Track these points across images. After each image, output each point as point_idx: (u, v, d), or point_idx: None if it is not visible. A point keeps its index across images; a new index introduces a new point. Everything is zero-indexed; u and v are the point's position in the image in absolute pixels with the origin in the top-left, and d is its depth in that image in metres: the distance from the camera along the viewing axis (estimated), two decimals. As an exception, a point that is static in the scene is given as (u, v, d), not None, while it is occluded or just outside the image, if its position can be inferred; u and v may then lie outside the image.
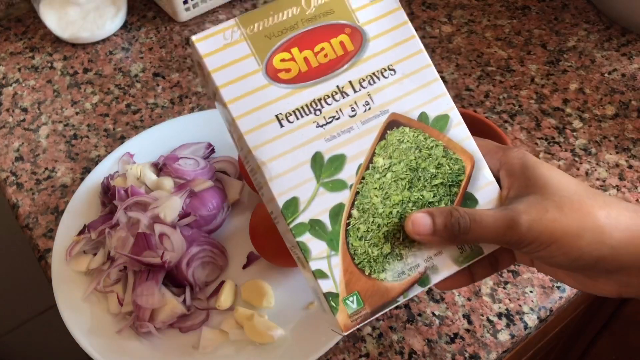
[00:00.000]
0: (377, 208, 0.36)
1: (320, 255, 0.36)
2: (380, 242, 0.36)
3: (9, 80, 0.74)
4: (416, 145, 0.37)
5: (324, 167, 0.36)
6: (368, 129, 0.37)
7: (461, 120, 0.38)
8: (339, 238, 0.36)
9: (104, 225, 0.54)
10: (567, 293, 0.53)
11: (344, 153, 0.36)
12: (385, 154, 0.37)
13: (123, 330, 0.50)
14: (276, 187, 0.36)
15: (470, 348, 0.50)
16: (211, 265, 0.54)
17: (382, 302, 0.36)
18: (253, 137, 0.36)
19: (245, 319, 0.50)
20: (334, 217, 0.36)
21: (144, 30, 0.79)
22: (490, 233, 0.34)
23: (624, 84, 0.69)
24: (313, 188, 0.36)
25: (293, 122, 0.36)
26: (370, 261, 0.36)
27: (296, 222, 0.36)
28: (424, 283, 0.37)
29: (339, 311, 0.35)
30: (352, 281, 0.36)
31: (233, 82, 0.36)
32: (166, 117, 0.68)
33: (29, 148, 0.67)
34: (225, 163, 0.61)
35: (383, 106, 0.37)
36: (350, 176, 0.36)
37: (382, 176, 0.37)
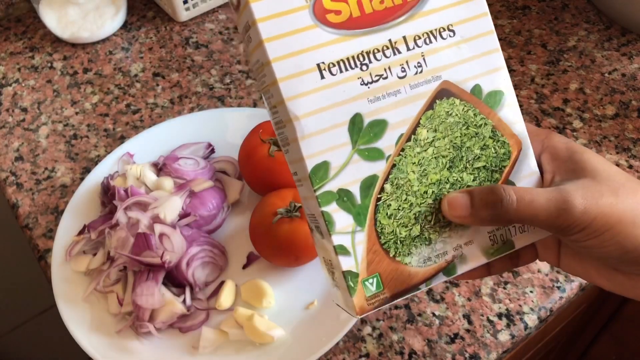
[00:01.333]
0: (412, 185, 0.33)
1: (344, 230, 0.32)
2: (410, 223, 0.33)
3: (9, 80, 0.74)
4: (464, 121, 0.34)
5: (362, 132, 0.32)
6: (416, 94, 0.33)
7: (515, 101, 0.35)
8: (367, 213, 0.33)
9: (103, 225, 0.54)
10: (567, 293, 0.53)
11: (386, 119, 0.33)
12: (430, 127, 0.34)
13: (123, 330, 0.50)
14: (307, 147, 0.32)
15: (471, 348, 0.50)
16: (211, 265, 0.54)
17: (403, 287, 0.33)
18: (289, 86, 0.31)
19: (245, 319, 0.50)
20: (365, 190, 0.33)
21: (143, 30, 0.79)
22: (541, 214, 0.31)
23: (624, 83, 0.69)
24: (347, 154, 0.32)
25: (336, 74, 0.32)
26: (397, 242, 0.33)
27: (324, 189, 0.32)
28: (450, 272, 0.34)
29: (356, 292, 0.32)
30: (375, 261, 0.33)
31: (274, 17, 0.31)
32: (166, 117, 0.68)
33: (28, 148, 0.66)
34: (225, 163, 0.61)
35: (436, 71, 0.34)
36: (389, 146, 0.33)
37: (423, 150, 0.34)
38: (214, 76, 0.73)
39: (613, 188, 0.32)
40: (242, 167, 0.58)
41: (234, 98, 0.70)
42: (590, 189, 0.31)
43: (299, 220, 0.51)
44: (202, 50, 0.76)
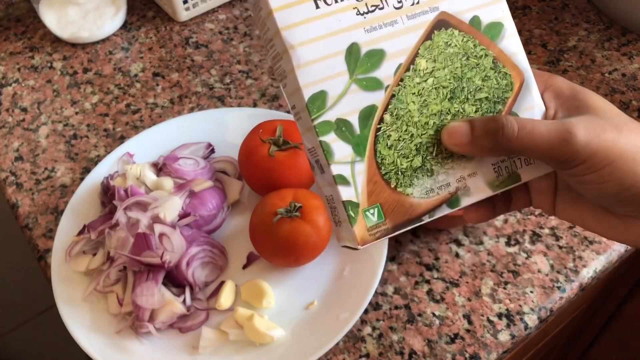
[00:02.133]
0: (412, 116, 0.33)
1: (343, 160, 0.32)
2: (411, 154, 0.33)
3: (9, 80, 0.74)
4: (464, 52, 0.34)
5: (359, 61, 0.32)
6: (413, 25, 0.33)
7: (515, 32, 0.35)
8: (366, 143, 0.32)
9: (103, 225, 0.54)
10: (567, 293, 0.53)
11: (384, 49, 0.33)
12: (429, 57, 0.33)
13: (123, 331, 0.50)
14: (303, 76, 0.32)
15: (471, 348, 0.50)
16: (211, 265, 0.54)
17: (405, 218, 0.33)
18: (283, 16, 0.31)
19: (245, 319, 0.50)
20: (364, 120, 0.32)
21: (143, 30, 0.79)
22: (542, 143, 0.31)
23: (624, 83, 0.69)
24: (345, 83, 0.32)
25: (331, 4, 0.32)
26: (398, 173, 0.33)
27: (321, 119, 0.32)
28: (453, 204, 0.34)
29: (357, 222, 0.32)
30: (375, 192, 0.32)
31: None
32: (166, 117, 0.68)
33: (28, 148, 0.66)
34: (225, 163, 0.61)
35: (433, 2, 0.33)
36: (388, 76, 0.33)
37: (423, 81, 0.33)
38: (214, 76, 0.73)
39: (616, 125, 0.31)
40: (242, 167, 0.57)
41: (234, 98, 0.70)
42: (593, 124, 0.31)
43: (299, 220, 0.51)
44: (202, 50, 0.76)
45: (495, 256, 0.55)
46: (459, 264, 0.55)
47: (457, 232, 0.57)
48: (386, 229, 0.33)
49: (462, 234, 0.57)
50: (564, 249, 0.56)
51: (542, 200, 0.37)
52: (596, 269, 0.55)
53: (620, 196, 0.31)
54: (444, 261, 0.55)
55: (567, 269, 0.54)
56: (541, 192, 0.37)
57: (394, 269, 0.55)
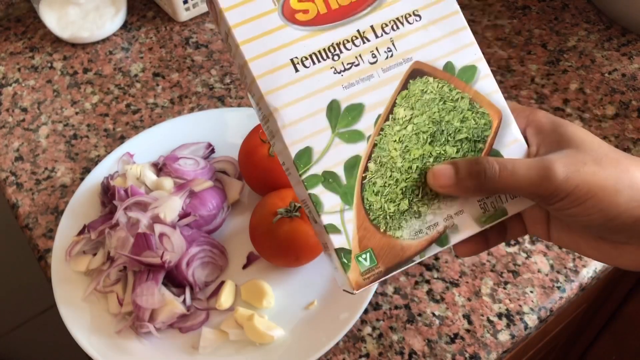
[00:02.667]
0: (395, 162, 0.34)
1: (333, 209, 0.34)
2: (397, 198, 0.34)
3: (9, 80, 0.74)
4: (440, 97, 0.35)
5: (340, 117, 0.34)
6: (389, 77, 0.35)
7: (489, 73, 0.36)
8: (353, 192, 0.34)
9: (103, 225, 0.54)
10: (567, 293, 0.53)
11: (363, 102, 0.34)
12: (406, 105, 0.35)
13: (123, 331, 0.50)
14: (289, 135, 0.34)
15: (471, 348, 0.50)
16: (211, 265, 0.54)
17: (397, 260, 0.34)
18: (266, 82, 0.34)
19: (245, 319, 0.50)
20: (350, 170, 0.34)
21: (143, 30, 0.79)
22: (523, 182, 0.32)
23: (624, 83, 0.69)
24: (328, 138, 0.34)
25: (309, 67, 0.34)
26: (386, 217, 0.34)
27: (309, 173, 0.34)
28: (443, 243, 0.35)
29: (350, 268, 0.33)
30: (366, 237, 0.34)
31: (247, 22, 0.34)
32: (166, 117, 0.68)
33: (28, 148, 0.66)
34: (225, 163, 0.61)
35: (406, 54, 0.35)
36: (368, 127, 0.34)
37: (403, 128, 0.35)
38: (214, 76, 0.73)
39: (596, 157, 0.32)
40: (242, 167, 0.58)
41: (234, 98, 0.70)
42: (573, 158, 0.32)
43: (299, 220, 0.51)
44: (202, 50, 0.76)
45: (495, 256, 0.55)
46: (458, 264, 0.55)
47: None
48: (379, 272, 0.34)
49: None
50: (564, 249, 0.56)
51: (537, 228, 0.38)
52: (596, 269, 0.55)
53: (607, 226, 0.32)
54: (444, 261, 0.55)
55: (567, 269, 0.54)
56: (535, 221, 0.37)
57: (394, 269, 0.55)
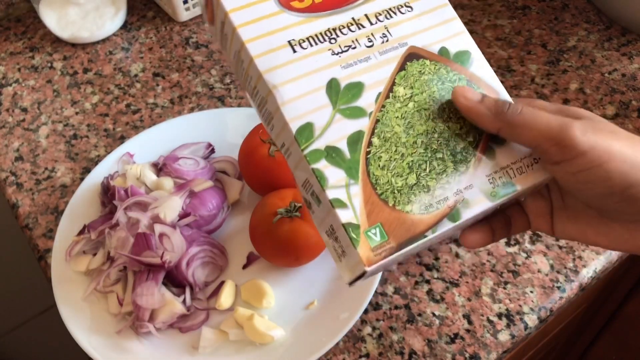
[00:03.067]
0: (399, 137, 0.34)
1: (338, 184, 0.33)
2: (404, 172, 0.34)
3: (9, 80, 0.74)
4: (438, 78, 0.35)
5: (340, 94, 0.34)
6: (386, 59, 0.35)
7: (483, 58, 0.37)
8: (358, 166, 0.33)
9: (103, 225, 0.54)
10: (567, 293, 0.53)
11: (362, 81, 0.34)
12: (406, 84, 0.35)
13: (123, 331, 0.50)
14: (289, 111, 0.33)
15: (471, 348, 0.50)
16: (211, 265, 0.54)
17: (408, 235, 0.33)
18: (264, 61, 0.34)
19: (245, 319, 0.50)
20: (353, 145, 0.33)
21: (143, 30, 0.79)
22: (542, 125, 0.31)
23: (624, 83, 0.69)
24: (329, 114, 0.34)
25: (307, 48, 0.34)
26: (394, 192, 0.33)
27: (311, 148, 0.33)
28: (455, 218, 0.33)
29: (360, 243, 0.32)
30: (374, 212, 0.32)
31: (243, 8, 0.34)
32: (166, 117, 0.68)
33: (28, 148, 0.66)
34: (225, 163, 0.61)
35: (401, 39, 0.35)
36: (369, 104, 0.34)
37: (404, 105, 0.35)
38: (214, 76, 0.73)
39: (611, 129, 0.32)
40: (242, 167, 0.58)
41: (234, 98, 0.70)
42: (590, 124, 0.31)
43: (299, 220, 0.51)
44: (202, 50, 0.76)
45: (495, 256, 0.55)
46: (459, 264, 0.55)
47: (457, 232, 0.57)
48: (391, 248, 0.32)
49: (462, 234, 0.57)
50: (564, 248, 0.56)
51: (540, 221, 0.37)
52: (596, 269, 0.55)
53: (624, 195, 0.31)
54: (444, 261, 0.55)
55: (567, 269, 0.54)
56: (538, 214, 0.37)
57: (394, 268, 0.55)
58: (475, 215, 0.34)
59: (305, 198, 0.35)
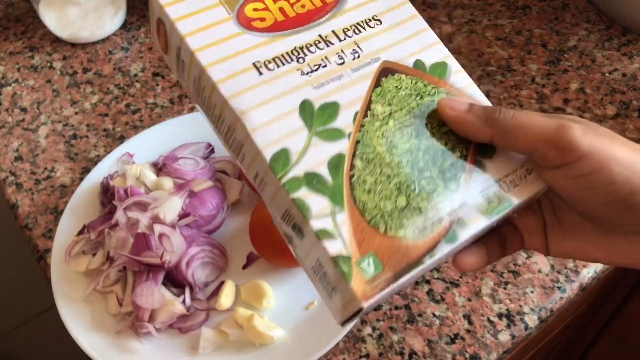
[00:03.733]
0: (383, 157, 0.31)
1: (322, 212, 0.29)
2: (392, 195, 0.31)
3: (8, 80, 0.74)
4: (416, 92, 0.33)
5: (315, 116, 0.31)
6: (360, 76, 0.33)
7: (460, 68, 0.35)
8: (342, 192, 0.30)
9: (103, 225, 0.54)
10: (567, 293, 0.53)
11: (337, 101, 0.32)
12: (383, 102, 0.32)
13: (122, 331, 0.50)
14: (260, 138, 0.30)
15: (471, 348, 0.50)
16: (211, 265, 0.54)
17: (405, 263, 0.29)
18: (228, 86, 0.31)
19: (245, 320, 0.50)
20: (334, 168, 0.30)
21: (143, 29, 0.79)
22: (539, 129, 0.29)
23: (624, 83, 0.69)
24: (305, 138, 0.31)
25: (273, 69, 0.32)
26: (384, 216, 0.30)
27: (288, 176, 0.30)
28: (452, 239, 0.31)
29: (353, 277, 0.28)
30: (365, 240, 0.29)
31: (200, 31, 0.31)
32: (166, 117, 0.68)
33: (28, 148, 0.66)
34: (225, 163, 0.61)
35: (373, 54, 0.33)
36: (347, 124, 0.31)
37: (384, 123, 0.32)
38: (214, 76, 0.72)
39: (609, 134, 0.30)
40: (242, 167, 0.57)
41: (234, 98, 0.70)
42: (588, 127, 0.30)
43: (299, 220, 0.51)
44: (202, 50, 0.76)
45: (495, 256, 0.55)
46: (459, 264, 0.55)
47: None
48: (387, 279, 0.29)
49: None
50: (564, 249, 0.55)
51: (534, 239, 0.35)
52: (596, 269, 0.55)
53: (626, 203, 0.29)
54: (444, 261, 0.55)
55: (568, 269, 0.54)
56: (532, 231, 0.35)
57: (394, 269, 0.55)
58: (473, 234, 0.32)
59: (285, 232, 0.32)
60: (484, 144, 0.33)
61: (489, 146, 0.33)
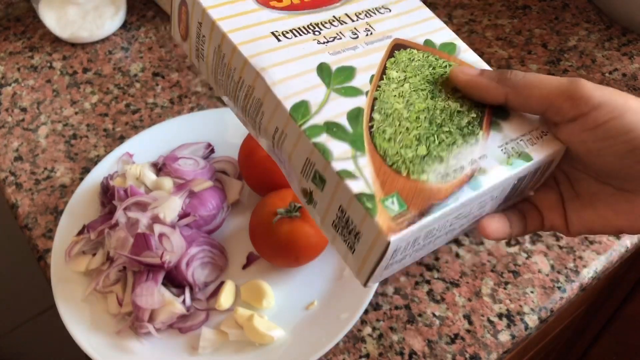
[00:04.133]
0: (401, 113, 0.32)
1: (344, 156, 0.30)
2: (413, 144, 0.31)
3: (8, 80, 0.74)
4: (429, 64, 0.35)
5: (332, 75, 0.33)
6: (374, 48, 0.35)
7: (469, 48, 0.37)
8: (363, 139, 0.31)
9: (103, 225, 0.54)
10: (567, 293, 0.53)
11: (353, 65, 0.34)
12: (397, 69, 0.34)
13: (122, 331, 0.50)
14: (281, 90, 0.32)
15: (471, 348, 0.50)
16: (211, 265, 0.54)
17: (429, 203, 0.29)
18: (248, 48, 0.33)
19: (245, 320, 0.50)
20: (354, 120, 0.31)
21: (143, 29, 0.79)
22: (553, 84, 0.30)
23: (624, 83, 0.69)
24: (324, 93, 0.32)
25: (291, 38, 0.34)
26: (406, 162, 0.31)
27: (309, 123, 0.31)
28: (475, 186, 0.31)
29: (378, 213, 0.28)
30: (388, 182, 0.30)
31: (222, 5, 0.34)
32: (166, 117, 0.68)
33: (28, 148, 0.66)
34: (225, 163, 0.61)
35: (385, 33, 0.36)
36: (364, 84, 0.33)
37: (400, 86, 0.34)
38: (214, 76, 0.72)
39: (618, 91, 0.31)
40: (242, 167, 0.57)
41: (234, 98, 0.70)
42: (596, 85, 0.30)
43: (299, 220, 0.51)
44: (202, 50, 0.76)
45: (495, 256, 0.55)
46: (459, 264, 0.55)
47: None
48: (413, 217, 0.29)
49: (462, 234, 0.57)
50: (565, 249, 0.55)
51: (553, 216, 0.35)
52: (596, 269, 0.55)
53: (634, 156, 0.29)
54: (444, 261, 0.55)
55: (568, 269, 0.54)
56: (550, 208, 0.35)
57: (394, 269, 0.55)
58: (495, 184, 0.31)
59: (305, 190, 0.32)
60: (498, 108, 0.34)
61: (503, 110, 0.34)
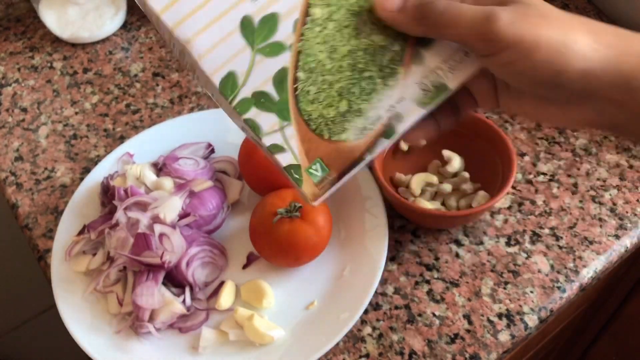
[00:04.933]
0: (324, 65, 0.34)
1: (272, 129, 0.33)
2: (334, 102, 0.34)
3: (9, 80, 0.74)
4: None
5: (256, 32, 0.33)
6: None
7: None
8: (288, 106, 0.33)
9: (103, 225, 0.54)
10: (567, 293, 0.53)
11: (275, 11, 0.34)
12: (321, 3, 0.34)
13: (123, 331, 0.50)
14: (208, 64, 0.33)
15: (471, 348, 0.50)
16: (211, 265, 0.54)
17: (348, 163, 0.34)
18: (171, 15, 0.33)
19: (245, 320, 0.50)
20: (279, 85, 0.34)
21: (143, 30, 0.79)
22: (467, 22, 0.31)
23: (624, 83, 0.69)
24: (249, 57, 0.33)
25: None
26: (328, 123, 0.34)
27: (238, 98, 0.33)
28: (389, 134, 0.34)
29: (303, 182, 0.33)
30: (312, 149, 0.34)
31: None
32: (166, 117, 0.68)
33: (28, 148, 0.66)
34: (225, 163, 0.61)
35: None
36: (288, 36, 0.34)
37: (323, 28, 0.34)
38: (214, 76, 0.72)
39: (542, 13, 0.31)
40: (242, 167, 0.57)
41: (234, 98, 0.70)
42: (517, 11, 0.31)
43: (299, 220, 0.51)
44: (202, 50, 0.76)
45: (495, 256, 0.55)
46: (459, 264, 0.55)
47: (457, 232, 0.57)
48: (333, 179, 0.34)
49: (462, 234, 0.57)
50: (564, 249, 0.55)
51: (486, 100, 0.37)
52: (596, 269, 0.55)
53: (554, 82, 0.31)
54: (444, 261, 0.55)
55: (567, 269, 0.54)
56: (483, 94, 0.37)
57: (394, 269, 0.55)
58: (409, 125, 0.34)
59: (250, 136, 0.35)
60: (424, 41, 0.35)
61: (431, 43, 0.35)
